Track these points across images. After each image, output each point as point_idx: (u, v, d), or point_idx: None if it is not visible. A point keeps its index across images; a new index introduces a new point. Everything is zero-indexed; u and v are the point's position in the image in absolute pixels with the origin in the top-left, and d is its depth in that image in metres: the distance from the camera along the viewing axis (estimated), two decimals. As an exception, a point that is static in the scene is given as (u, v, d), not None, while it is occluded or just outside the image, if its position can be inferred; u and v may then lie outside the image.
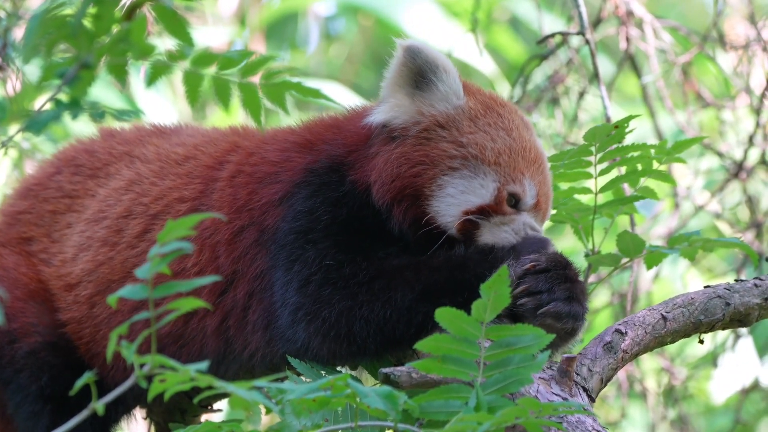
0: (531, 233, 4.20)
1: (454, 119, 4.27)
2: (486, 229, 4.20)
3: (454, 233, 4.19)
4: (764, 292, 4.30)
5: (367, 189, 4.25)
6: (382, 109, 4.30)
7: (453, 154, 4.22)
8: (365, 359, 4.17)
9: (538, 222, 4.26)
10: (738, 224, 7.20)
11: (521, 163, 4.25)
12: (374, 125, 4.30)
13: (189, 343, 4.37)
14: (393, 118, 4.27)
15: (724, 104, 7.11)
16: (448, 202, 4.19)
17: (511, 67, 9.43)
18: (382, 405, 3.40)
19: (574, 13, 6.34)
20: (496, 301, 3.51)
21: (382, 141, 4.28)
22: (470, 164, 4.21)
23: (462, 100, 4.29)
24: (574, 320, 4.06)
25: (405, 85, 4.29)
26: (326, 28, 10.85)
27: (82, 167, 4.81)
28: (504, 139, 4.26)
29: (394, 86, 4.30)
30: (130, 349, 3.27)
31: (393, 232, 4.23)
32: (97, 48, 3.58)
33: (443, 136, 4.24)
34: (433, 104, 4.27)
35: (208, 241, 4.36)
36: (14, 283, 4.65)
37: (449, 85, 4.28)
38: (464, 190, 4.20)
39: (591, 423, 3.82)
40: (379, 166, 4.24)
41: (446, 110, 4.27)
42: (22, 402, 4.55)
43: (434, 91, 4.27)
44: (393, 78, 4.31)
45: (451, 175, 4.21)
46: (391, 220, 4.22)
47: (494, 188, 4.20)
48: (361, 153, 4.30)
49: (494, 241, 4.18)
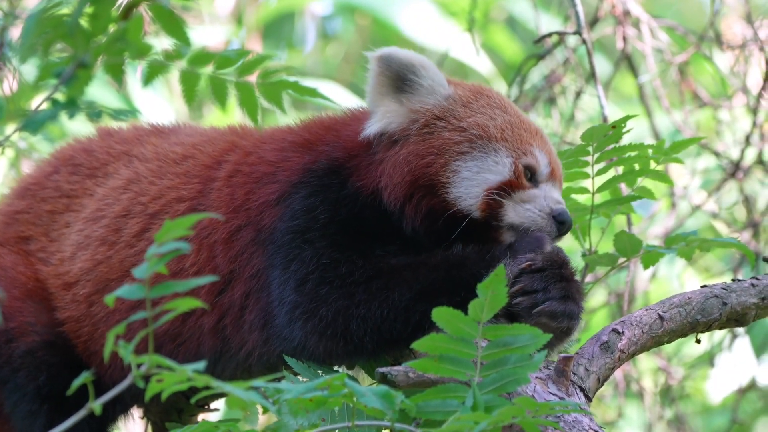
0: (556, 207, 4.20)
1: (448, 109, 4.29)
2: (510, 207, 4.21)
3: (477, 215, 4.20)
4: (761, 292, 4.30)
5: (374, 194, 4.25)
6: (375, 120, 4.31)
7: (458, 140, 4.24)
8: (362, 358, 4.18)
9: (556, 190, 4.28)
10: (735, 224, 7.21)
11: (525, 135, 4.28)
12: (371, 137, 4.30)
13: (186, 341, 4.38)
14: (387, 124, 4.29)
15: (721, 104, 7.12)
16: (467, 185, 4.20)
17: (508, 67, 9.43)
18: (379, 404, 3.40)
19: (571, 13, 6.34)
20: (493, 300, 3.52)
21: (385, 147, 4.29)
22: (478, 145, 4.24)
23: (449, 89, 4.32)
24: (570, 319, 4.07)
25: (388, 92, 4.31)
26: (323, 28, 10.85)
27: (80, 167, 4.81)
28: (502, 116, 4.29)
29: (377, 97, 4.32)
30: (127, 348, 3.27)
31: (404, 233, 4.23)
32: (94, 47, 3.58)
33: (443, 127, 4.26)
34: (422, 101, 4.29)
35: (205, 241, 4.36)
36: (12, 282, 4.65)
37: (432, 79, 4.31)
38: (479, 170, 4.21)
39: (588, 422, 3.82)
40: (388, 170, 4.25)
41: (438, 102, 4.29)
42: (20, 401, 4.55)
43: (419, 89, 4.29)
44: (375, 89, 4.33)
45: (463, 159, 4.23)
46: (403, 221, 4.23)
47: (510, 162, 4.23)
48: (364, 160, 4.31)
49: (520, 221, 4.20)
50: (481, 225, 4.21)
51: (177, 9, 3.61)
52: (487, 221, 4.21)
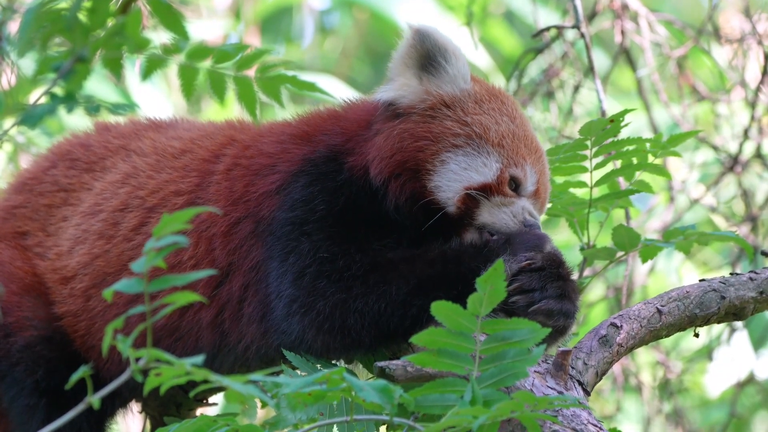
0: (529, 219, 4.21)
1: (459, 100, 4.29)
2: (485, 208, 4.21)
3: (452, 210, 4.20)
4: (759, 286, 4.31)
5: (364, 172, 4.25)
6: (390, 88, 4.33)
7: (457, 132, 4.24)
8: (360, 352, 4.18)
9: (536, 210, 4.27)
10: (733, 218, 7.21)
11: (523, 149, 4.27)
12: (381, 102, 4.32)
13: (184, 336, 4.38)
14: (400, 97, 4.30)
15: (719, 98, 7.12)
16: (450, 178, 4.21)
17: (506, 61, 9.43)
18: (378, 399, 3.40)
19: (569, 7, 6.34)
20: (492, 295, 3.51)
21: (385, 119, 4.29)
22: (474, 143, 4.24)
23: (469, 84, 4.32)
24: (566, 318, 4.07)
25: (413, 66, 4.31)
26: (321, 22, 10.84)
27: (77, 161, 4.81)
28: (508, 124, 4.29)
29: (402, 67, 4.33)
30: (126, 342, 3.27)
31: (389, 213, 4.23)
32: (93, 42, 3.58)
33: (448, 115, 4.27)
34: (440, 86, 4.29)
35: (204, 234, 4.36)
36: (10, 277, 4.65)
37: (458, 69, 4.31)
38: (467, 167, 4.22)
39: (586, 416, 3.82)
40: (380, 142, 4.25)
41: (452, 92, 4.29)
42: (18, 396, 4.55)
43: (442, 74, 4.29)
44: (401, 58, 4.33)
45: (455, 152, 4.23)
46: (387, 197, 4.23)
47: (497, 168, 4.22)
48: (361, 137, 4.32)
49: (492, 221, 4.20)
50: (454, 221, 4.21)
51: (175, 3, 3.61)
52: (461, 218, 4.21)
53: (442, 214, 4.21)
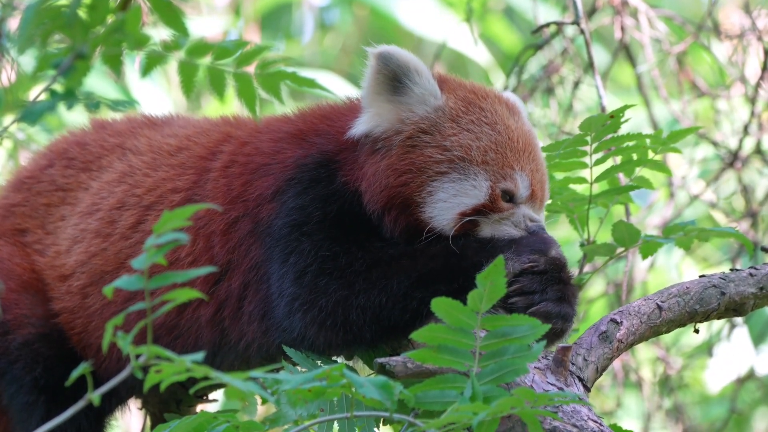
0: (531, 225, 4.20)
1: (435, 123, 4.23)
2: (485, 226, 4.19)
3: (452, 234, 4.18)
4: (759, 282, 4.30)
5: (358, 192, 4.24)
6: (363, 120, 4.27)
7: (439, 159, 4.20)
8: (361, 348, 4.18)
9: (536, 210, 4.25)
10: (733, 213, 7.22)
11: (510, 156, 4.23)
12: (356, 137, 4.28)
13: (184, 334, 4.37)
14: (374, 127, 4.25)
15: (719, 94, 7.12)
16: (441, 207, 4.18)
17: (506, 57, 9.42)
18: (378, 395, 3.40)
19: (569, 3, 6.34)
20: (492, 291, 3.51)
21: (367, 151, 4.26)
22: (458, 167, 4.19)
23: (440, 100, 4.26)
24: (564, 321, 4.08)
25: (383, 92, 4.25)
26: (321, 18, 10.83)
27: (74, 160, 4.81)
28: (489, 134, 4.24)
29: (372, 95, 4.27)
30: (126, 339, 3.27)
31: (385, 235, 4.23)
32: (92, 38, 3.58)
33: (427, 142, 4.21)
34: (412, 108, 4.23)
35: (202, 231, 4.36)
36: (8, 274, 4.65)
37: (423, 87, 4.24)
38: (456, 193, 4.18)
39: (586, 412, 3.82)
40: (369, 176, 4.22)
41: (426, 114, 4.23)
42: (17, 393, 4.55)
43: (410, 94, 4.24)
44: (370, 87, 4.27)
45: (440, 180, 4.19)
46: (383, 226, 4.22)
47: (487, 187, 4.18)
48: (351, 156, 4.29)
49: (496, 236, 4.18)
50: (455, 238, 4.19)
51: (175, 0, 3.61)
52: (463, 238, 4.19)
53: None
